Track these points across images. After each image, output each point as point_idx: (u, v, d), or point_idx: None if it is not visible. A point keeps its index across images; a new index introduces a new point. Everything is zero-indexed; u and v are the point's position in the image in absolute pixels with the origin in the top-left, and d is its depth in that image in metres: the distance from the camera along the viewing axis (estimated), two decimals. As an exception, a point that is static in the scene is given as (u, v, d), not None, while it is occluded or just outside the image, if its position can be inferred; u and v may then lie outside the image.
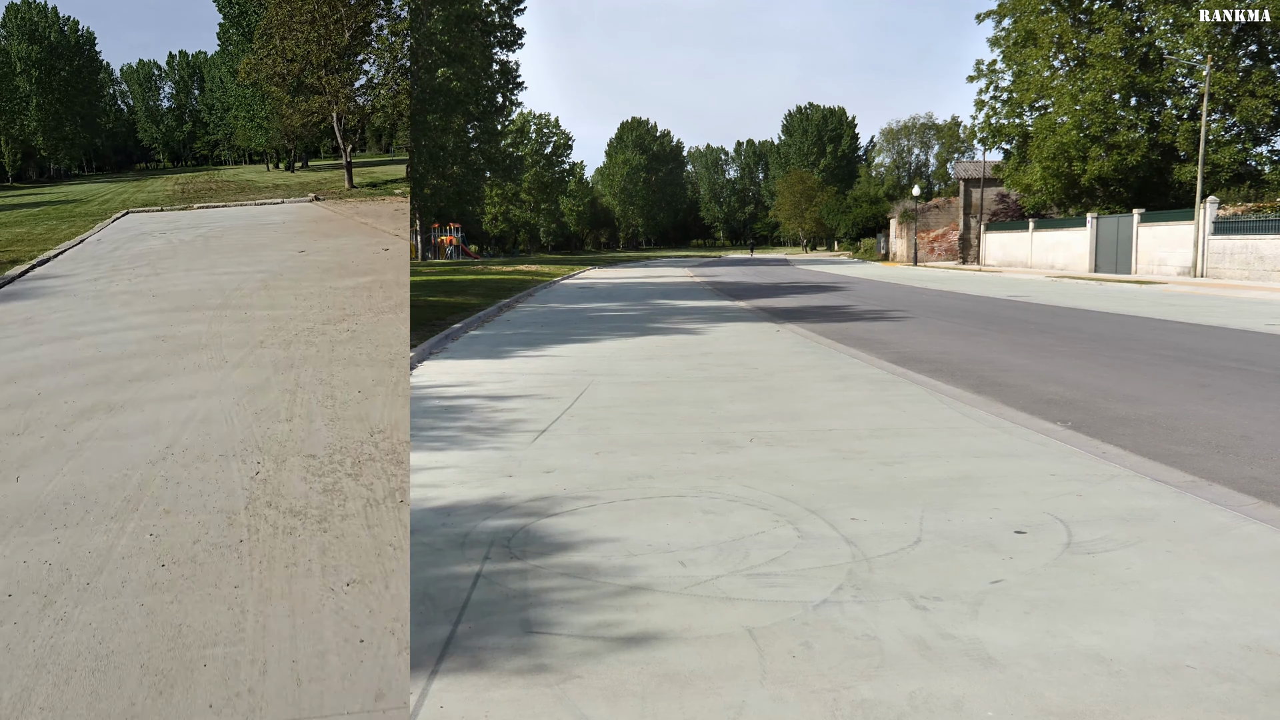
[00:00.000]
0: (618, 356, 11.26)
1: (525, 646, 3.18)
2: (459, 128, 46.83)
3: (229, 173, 59.52)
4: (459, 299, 20.43)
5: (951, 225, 55.56)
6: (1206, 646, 3.13)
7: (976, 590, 3.64)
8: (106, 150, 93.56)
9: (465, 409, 7.77)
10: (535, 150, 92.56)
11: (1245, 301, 21.35)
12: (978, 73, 45.85)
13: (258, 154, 70.34)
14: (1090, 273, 37.63)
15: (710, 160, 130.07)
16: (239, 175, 53.94)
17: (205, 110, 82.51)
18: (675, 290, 27.23)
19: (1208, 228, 30.96)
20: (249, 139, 58.27)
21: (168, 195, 36.33)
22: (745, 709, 2.75)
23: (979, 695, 2.82)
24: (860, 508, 4.76)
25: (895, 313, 18.74)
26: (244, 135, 58.46)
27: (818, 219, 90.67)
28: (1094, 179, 39.55)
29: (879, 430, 6.70)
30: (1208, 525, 4.43)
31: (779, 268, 49.64)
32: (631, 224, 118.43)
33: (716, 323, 15.94)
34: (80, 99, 78.07)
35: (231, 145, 76.26)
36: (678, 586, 3.71)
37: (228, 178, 49.58)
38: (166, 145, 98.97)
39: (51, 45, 75.45)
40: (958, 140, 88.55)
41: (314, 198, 27.18)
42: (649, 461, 5.83)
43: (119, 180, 62.38)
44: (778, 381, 9.12)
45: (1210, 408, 7.93)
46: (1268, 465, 5.92)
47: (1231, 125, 36.26)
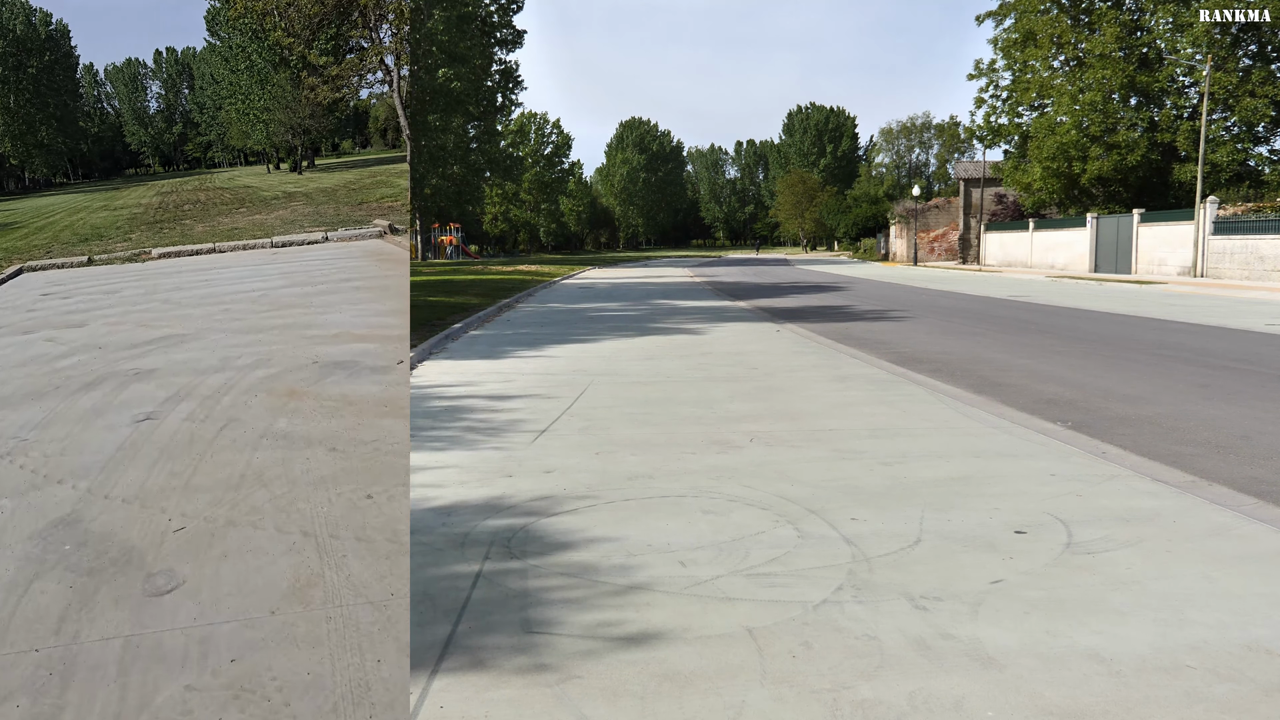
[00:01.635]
0: (618, 356, 11.25)
1: (525, 646, 3.18)
2: (459, 128, 46.87)
3: (223, 177, 52.35)
4: (459, 299, 20.43)
5: (951, 225, 55.55)
6: (1206, 646, 3.13)
7: (976, 590, 3.64)
8: (93, 156, 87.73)
9: (465, 409, 7.77)
10: (535, 150, 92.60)
11: (1245, 301, 21.35)
12: (977, 72, 45.85)
13: (254, 155, 64.87)
14: (1090, 273, 37.62)
15: (710, 160, 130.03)
16: (235, 180, 46.23)
17: (196, 110, 77.73)
18: (675, 290, 27.23)
19: (1208, 228, 30.96)
20: (244, 136, 52.53)
21: (142, 210, 29.68)
22: (745, 709, 2.75)
23: (979, 695, 2.82)
24: (860, 508, 4.76)
25: (895, 313, 18.74)
26: (239, 133, 52.95)
27: (818, 219, 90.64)
28: (1094, 179, 39.55)
29: (879, 430, 6.70)
30: (1208, 525, 4.43)
31: (779, 268, 49.63)
32: (631, 224, 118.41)
33: (717, 323, 15.94)
34: (54, 100, 68.87)
35: (226, 146, 70.27)
36: (678, 586, 3.71)
37: (221, 184, 42.58)
38: (156, 149, 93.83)
39: (18, 38, 64.94)
40: (957, 140, 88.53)
41: (389, 228, 18.76)
42: (649, 461, 5.83)
43: (96, 189, 55.51)
44: (778, 381, 9.12)
45: (1210, 408, 7.93)
46: (1268, 465, 5.92)
47: (1231, 125, 36.26)
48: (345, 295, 11.49)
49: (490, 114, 51.90)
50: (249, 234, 20.06)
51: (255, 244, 18.01)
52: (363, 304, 10.73)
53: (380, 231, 19.02)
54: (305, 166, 51.29)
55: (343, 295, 11.48)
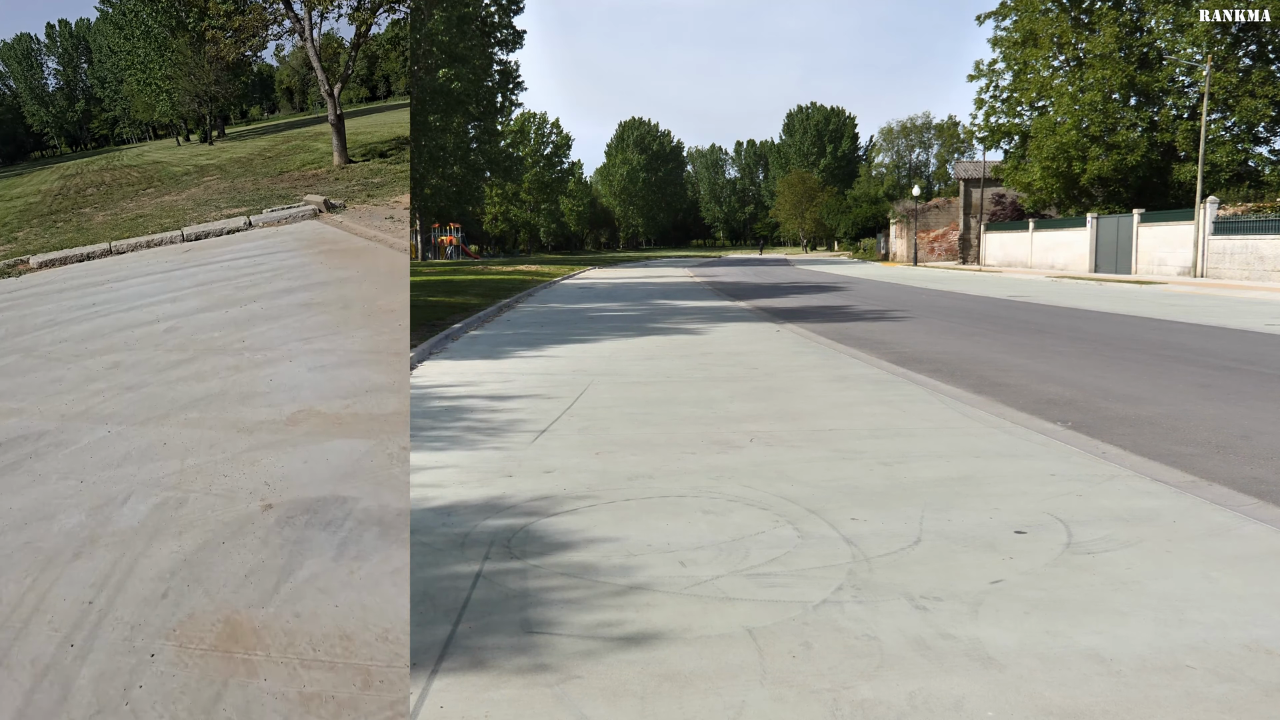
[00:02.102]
0: (618, 356, 11.26)
1: (525, 646, 3.18)
2: (459, 128, 46.86)
3: (132, 154, 46.88)
4: (459, 299, 20.43)
5: (951, 225, 55.55)
6: (1206, 646, 3.13)
7: (976, 590, 3.64)
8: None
9: (465, 409, 7.77)
10: (535, 150, 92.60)
11: (1245, 301, 21.35)
12: (978, 72, 45.88)
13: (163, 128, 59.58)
14: (1090, 273, 37.62)
15: (710, 160, 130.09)
16: (143, 156, 41.92)
17: (98, 85, 72.59)
18: (675, 290, 27.23)
19: (1208, 228, 30.96)
20: (149, 109, 48.72)
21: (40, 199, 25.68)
22: (745, 709, 2.75)
23: (979, 695, 2.82)
24: (860, 508, 4.76)
25: (895, 313, 18.74)
26: (143, 105, 49.09)
27: (818, 219, 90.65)
28: (1094, 179, 39.55)
29: (879, 430, 6.70)
30: (1208, 525, 4.43)
31: (779, 268, 49.64)
32: (631, 224, 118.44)
33: (717, 323, 15.94)
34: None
35: (132, 121, 64.61)
36: (678, 586, 3.71)
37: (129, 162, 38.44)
38: (60, 129, 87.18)
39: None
40: (957, 140, 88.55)
41: (324, 205, 16.54)
42: (649, 461, 5.83)
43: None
44: (778, 381, 9.12)
45: (1210, 408, 7.93)
46: (1268, 465, 5.92)
47: (1231, 125, 36.26)
48: (292, 321, 8.49)
49: (490, 114, 51.89)
50: (157, 222, 17.89)
51: (162, 239, 15.29)
52: (322, 337, 7.82)
53: (314, 209, 16.19)
54: (216, 136, 48.13)
55: (288, 322, 8.50)
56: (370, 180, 21.47)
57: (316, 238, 13.40)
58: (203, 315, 9.20)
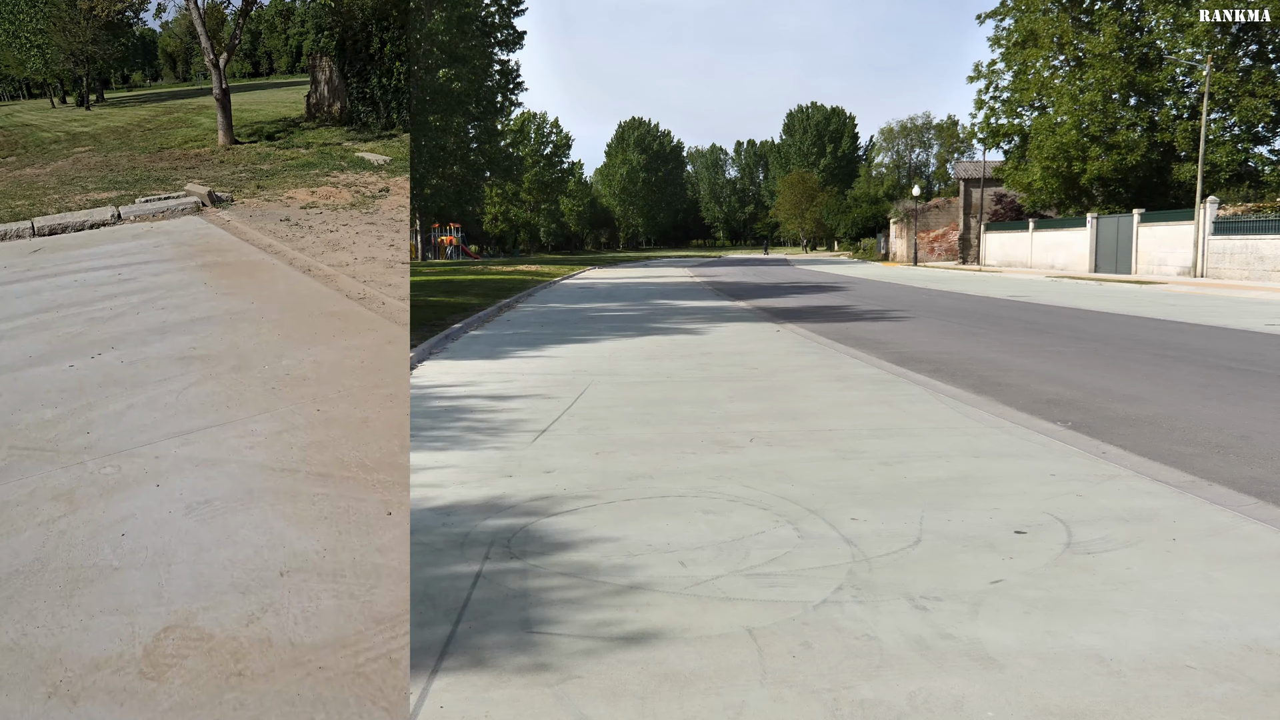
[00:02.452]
0: (618, 356, 11.26)
1: (525, 646, 3.18)
2: (459, 128, 46.88)
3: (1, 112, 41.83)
4: (459, 299, 20.43)
5: (951, 225, 55.56)
6: (1206, 646, 3.13)
7: (976, 590, 3.64)
8: None
9: (465, 409, 7.77)
10: (535, 150, 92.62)
11: (1245, 301, 21.35)
12: (977, 73, 45.92)
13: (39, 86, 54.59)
14: (1090, 273, 37.63)
15: (710, 160, 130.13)
16: (13, 117, 37.14)
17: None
18: (675, 290, 27.23)
19: (1208, 228, 30.96)
20: (20, 65, 44.38)
21: None
22: (745, 709, 2.75)
23: (979, 695, 2.82)
24: (860, 508, 4.76)
25: (895, 313, 18.74)
26: (13, 60, 44.31)
27: (818, 219, 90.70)
28: (1094, 179, 39.58)
29: (879, 430, 6.70)
30: (1208, 525, 4.43)
31: (779, 268, 49.65)
32: (631, 224, 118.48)
33: (717, 323, 15.94)
34: None
35: (3, 76, 58.10)
36: (678, 586, 3.71)
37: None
38: None
39: None
40: (957, 140, 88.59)
41: (208, 197, 14.03)
42: (649, 461, 5.83)
43: None
44: (778, 381, 9.12)
45: (1210, 408, 7.93)
46: (1268, 465, 5.92)
47: (1231, 125, 36.27)
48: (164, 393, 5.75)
49: (490, 114, 51.91)
50: (9, 202, 14.88)
51: (7, 230, 12.33)
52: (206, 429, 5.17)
53: (197, 202, 13.45)
54: (93, 100, 44.23)
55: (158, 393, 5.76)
56: (259, 167, 19.23)
57: (200, 244, 10.88)
58: (34, 372, 6.28)
